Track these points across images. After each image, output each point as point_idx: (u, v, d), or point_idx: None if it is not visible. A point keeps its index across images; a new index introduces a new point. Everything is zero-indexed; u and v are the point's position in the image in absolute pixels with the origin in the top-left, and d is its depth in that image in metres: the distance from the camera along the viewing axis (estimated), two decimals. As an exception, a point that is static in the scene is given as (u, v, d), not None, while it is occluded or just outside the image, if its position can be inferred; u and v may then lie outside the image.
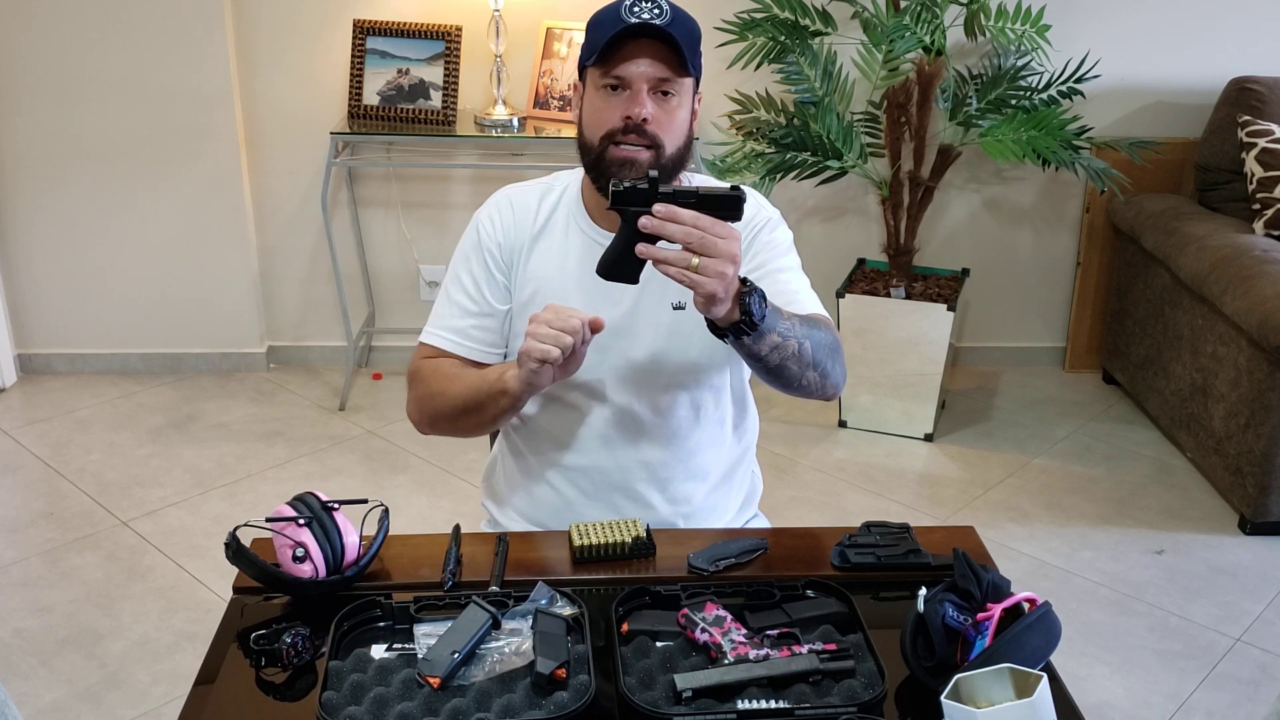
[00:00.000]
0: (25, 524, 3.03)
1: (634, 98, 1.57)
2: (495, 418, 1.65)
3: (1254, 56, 3.64)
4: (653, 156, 1.58)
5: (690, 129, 1.65)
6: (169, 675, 2.48)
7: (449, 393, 1.67)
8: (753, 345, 1.47)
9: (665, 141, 1.59)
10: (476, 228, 1.74)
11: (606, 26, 1.56)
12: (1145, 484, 3.32)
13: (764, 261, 1.69)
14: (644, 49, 1.56)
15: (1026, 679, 1.17)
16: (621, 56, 1.56)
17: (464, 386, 1.66)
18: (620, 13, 1.56)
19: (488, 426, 1.72)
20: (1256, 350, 2.95)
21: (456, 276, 1.74)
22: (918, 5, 3.19)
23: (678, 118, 1.61)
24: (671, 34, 1.55)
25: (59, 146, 3.64)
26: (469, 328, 1.71)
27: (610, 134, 1.58)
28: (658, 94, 1.58)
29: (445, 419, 1.70)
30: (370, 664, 1.32)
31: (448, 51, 3.51)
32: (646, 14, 1.55)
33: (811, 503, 3.19)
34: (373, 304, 3.95)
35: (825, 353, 1.55)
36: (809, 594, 1.45)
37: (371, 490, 3.16)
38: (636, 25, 1.54)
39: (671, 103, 1.59)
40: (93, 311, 3.84)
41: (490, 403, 1.62)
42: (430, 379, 1.70)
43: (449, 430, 1.73)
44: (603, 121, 1.59)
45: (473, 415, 1.66)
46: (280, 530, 1.43)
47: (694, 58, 1.60)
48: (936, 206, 3.75)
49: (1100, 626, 2.69)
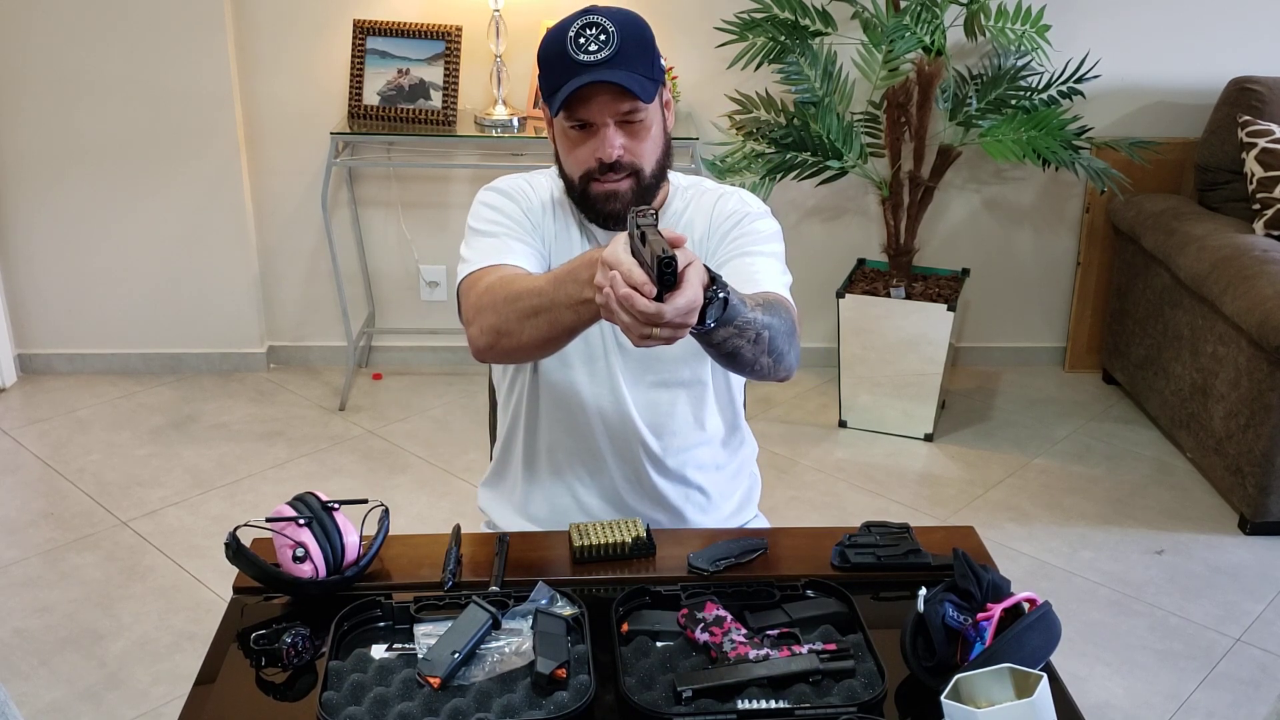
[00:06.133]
0: (25, 524, 3.03)
1: (602, 141, 1.57)
2: (574, 327, 1.45)
3: (1254, 56, 3.64)
4: (633, 183, 1.60)
5: (666, 132, 1.64)
6: (169, 675, 2.48)
7: (532, 288, 1.47)
8: (702, 338, 1.40)
9: (643, 165, 1.61)
10: (499, 191, 1.70)
11: (557, 69, 1.55)
12: (1145, 484, 3.32)
13: (739, 246, 1.67)
14: (600, 87, 1.54)
15: (1026, 679, 1.17)
16: (580, 99, 1.55)
17: (547, 280, 1.46)
18: (567, 49, 1.53)
19: (562, 339, 1.49)
20: (1256, 350, 2.95)
21: (490, 220, 1.65)
22: (918, 5, 3.19)
23: (651, 136, 1.61)
24: (623, 71, 1.52)
25: (59, 146, 3.64)
26: (525, 250, 1.63)
27: (588, 173, 1.60)
28: (624, 124, 1.57)
29: (519, 318, 1.47)
30: (370, 664, 1.32)
31: (448, 51, 3.51)
32: (593, 45, 1.53)
33: (811, 503, 3.19)
34: (373, 304, 3.95)
35: (782, 338, 1.49)
36: (809, 594, 1.45)
37: (371, 490, 3.16)
38: (587, 70, 1.51)
39: (640, 127, 1.59)
40: (93, 311, 3.84)
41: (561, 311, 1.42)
42: (508, 284, 1.51)
43: (514, 345, 1.50)
44: (578, 162, 1.60)
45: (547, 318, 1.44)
46: (280, 530, 1.43)
47: (652, 73, 1.58)
48: (936, 206, 3.75)
49: (1100, 626, 2.69)
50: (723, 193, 1.74)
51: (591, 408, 1.71)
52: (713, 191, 1.75)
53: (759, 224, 1.70)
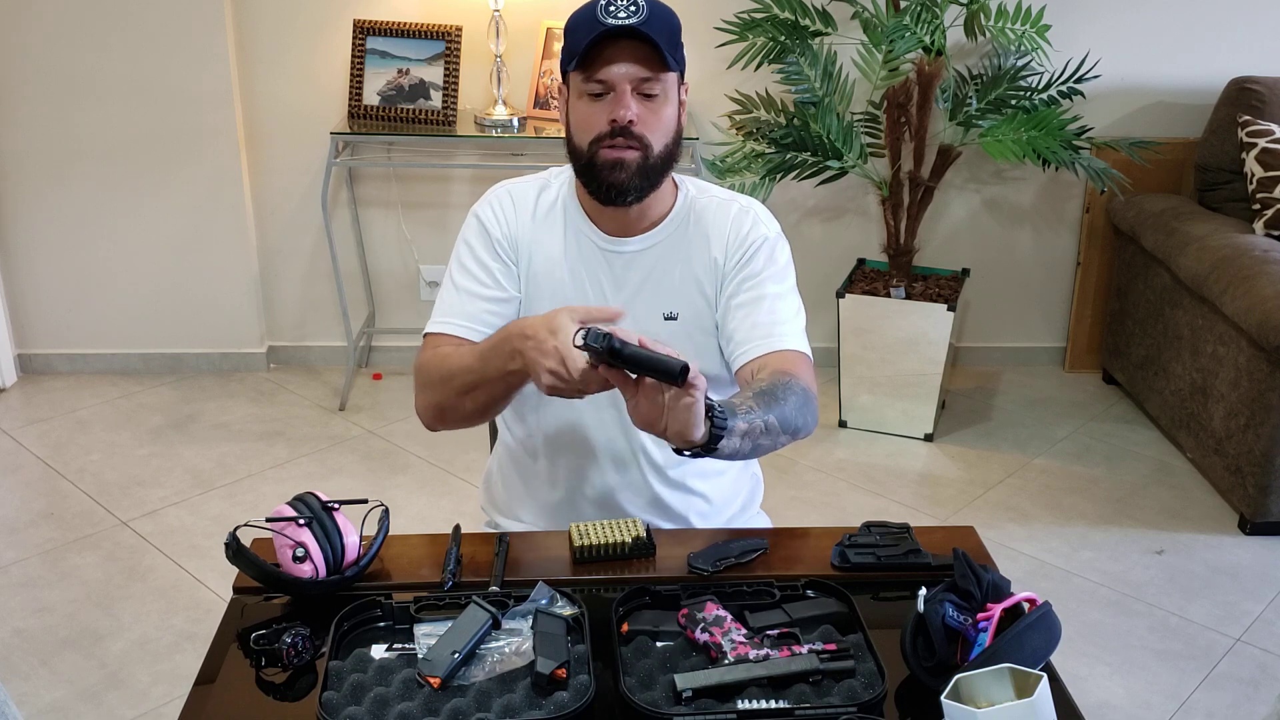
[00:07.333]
0: (25, 524, 3.03)
1: (618, 100, 1.56)
2: (507, 394, 1.59)
3: (1254, 56, 3.64)
4: (640, 156, 1.58)
5: (679, 123, 1.63)
6: (169, 675, 2.48)
7: (463, 366, 1.57)
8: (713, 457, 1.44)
9: (653, 140, 1.58)
10: (479, 219, 1.71)
11: (583, 30, 1.55)
12: (1145, 484, 3.32)
13: (755, 285, 1.67)
14: (623, 50, 1.54)
15: (1026, 679, 1.17)
16: (602, 60, 1.55)
17: (475, 357, 1.56)
18: (596, 14, 1.54)
19: (500, 404, 1.64)
20: (1256, 350, 2.95)
21: (463, 267, 1.69)
22: (918, 5, 3.19)
23: (664, 115, 1.59)
24: (649, 33, 1.53)
25: (59, 146, 3.64)
26: (482, 312, 1.66)
27: (598, 138, 1.58)
28: (641, 94, 1.57)
29: (457, 395, 1.59)
30: (370, 664, 1.32)
31: (448, 51, 3.51)
32: (623, 14, 1.53)
33: (811, 503, 3.19)
34: (373, 304, 3.95)
35: (794, 414, 1.51)
36: (809, 594, 1.45)
37: (371, 490, 3.16)
38: (614, 28, 1.52)
39: (656, 101, 1.58)
40: (93, 311, 3.84)
41: (499, 378, 1.53)
42: (442, 363, 1.61)
43: (458, 417, 1.63)
44: (589, 127, 1.59)
45: (484, 390, 1.57)
46: (280, 530, 1.43)
47: (675, 51, 1.58)
48: (936, 206, 3.75)
49: (1100, 626, 2.69)
50: (739, 207, 1.72)
51: (592, 417, 1.71)
52: (726, 202, 1.72)
53: (777, 252, 1.70)
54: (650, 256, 1.69)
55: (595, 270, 1.69)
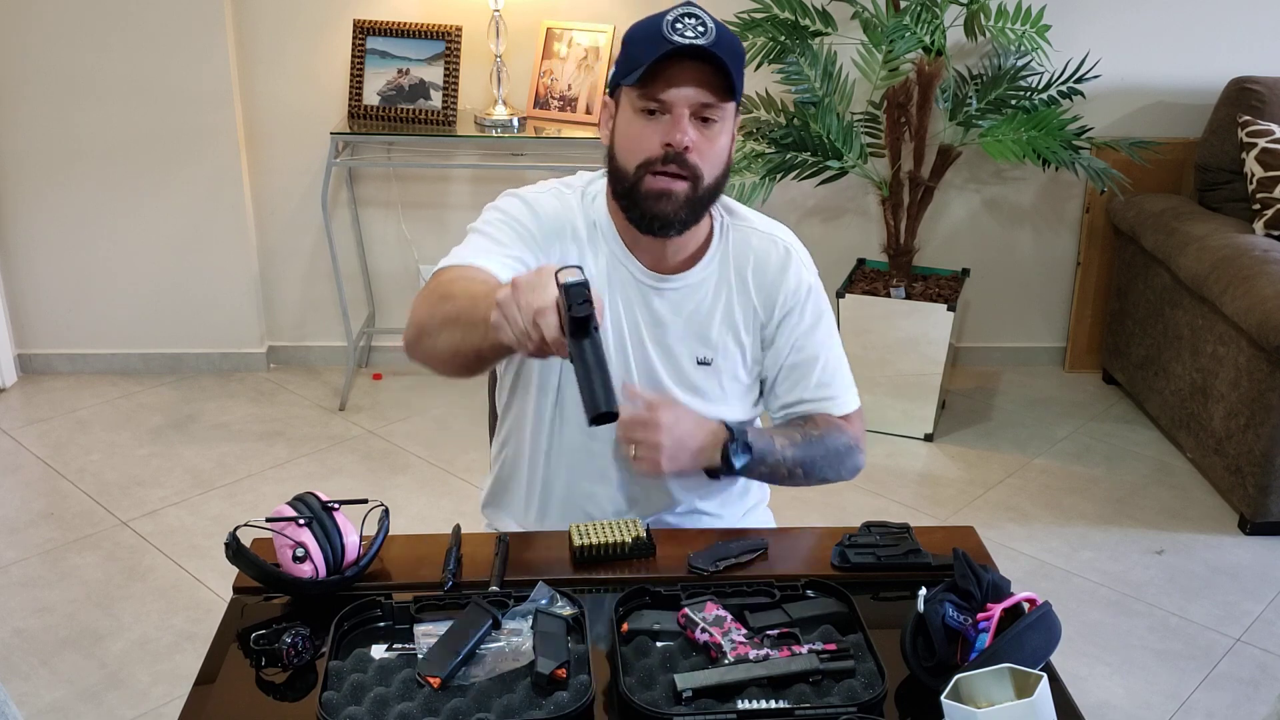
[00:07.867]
0: (25, 524, 3.03)
1: (675, 124, 1.47)
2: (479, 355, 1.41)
3: (1254, 56, 3.64)
4: (689, 188, 1.50)
5: (729, 156, 1.55)
6: (169, 675, 2.48)
7: (463, 290, 1.42)
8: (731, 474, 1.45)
9: (704, 172, 1.50)
10: (525, 202, 1.60)
11: (648, 45, 1.46)
12: (1145, 484, 3.32)
13: (803, 346, 1.65)
14: (688, 71, 1.46)
15: (1026, 679, 1.17)
16: (664, 79, 1.46)
17: (474, 292, 1.40)
18: (662, 29, 1.45)
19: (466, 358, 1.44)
20: (1256, 350, 2.95)
21: (494, 222, 1.57)
22: (918, 5, 3.19)
23: (719, 145, 1.51)
24: (719, 55, 1.45)
25: (59, 146, 3.64)
26: (505, 258, 1.52)
27: (648, 162, 1.49)
28: (699, 120, 1.49)
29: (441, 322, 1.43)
30: (370, 664, 1.32)
31: (448, 51, 3.51)
32: (690, 32, 1.44)
33: (811, 503, 3.19)
34: (373, 304, 3.95)
35: (826, 464, 1.51)
36: (809, 594, 1.45)
37: (371, 490, 3.15)
38: (684, 46, 1.44)
39: (714, 129, 1.50)
40: (93, 311, 3.84)
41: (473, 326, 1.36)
42: (451, 282, 1.46)
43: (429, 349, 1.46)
44: (640, 149, 1.50)
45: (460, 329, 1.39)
46: (280, 530, 1.43)
47: (739, 80, 1.49)
48: (936, 206, 3.75)
49: (1100, 626, 2.69)
50: (782, 250, 1.66)
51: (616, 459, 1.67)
52: (766, 237, 1.66)
53: (820, 300, 1.68)
54: (690, 298, 1.63)
55: (632, 303, 1.62)
